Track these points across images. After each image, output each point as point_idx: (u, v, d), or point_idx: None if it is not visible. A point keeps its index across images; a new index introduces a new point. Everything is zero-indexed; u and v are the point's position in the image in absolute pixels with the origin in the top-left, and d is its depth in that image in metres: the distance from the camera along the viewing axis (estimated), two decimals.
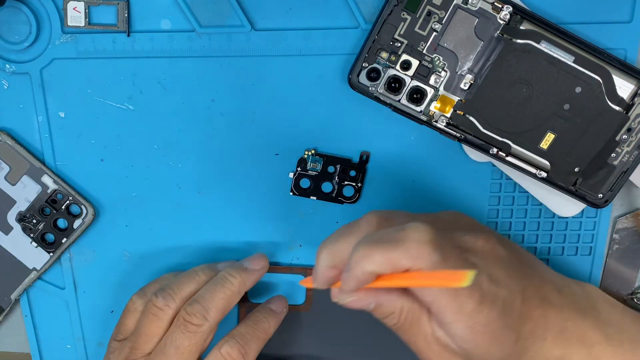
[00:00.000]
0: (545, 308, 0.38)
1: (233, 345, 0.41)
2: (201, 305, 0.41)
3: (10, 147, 0.44)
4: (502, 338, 0.36)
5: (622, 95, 0.42)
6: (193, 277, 0.43)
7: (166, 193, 0.46)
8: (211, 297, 0.42)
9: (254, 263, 0.44)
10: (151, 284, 0.44)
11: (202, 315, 0.41)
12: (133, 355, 0.42)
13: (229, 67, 0.44)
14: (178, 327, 0.41)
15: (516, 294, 0.36)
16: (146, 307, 0.42)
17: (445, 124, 0.42)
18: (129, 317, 0.44)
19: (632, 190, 0.46)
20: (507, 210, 0.46)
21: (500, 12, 0.41)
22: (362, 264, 0.33)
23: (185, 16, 0.43)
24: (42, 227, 0.45)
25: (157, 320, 0.42)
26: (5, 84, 0.44)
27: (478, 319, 0.35)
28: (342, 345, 0.48)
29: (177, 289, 0.42)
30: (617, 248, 0.47)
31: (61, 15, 0.43)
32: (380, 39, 0.41)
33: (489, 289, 0.35)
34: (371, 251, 0.33)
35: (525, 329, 0.37)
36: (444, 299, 0.34)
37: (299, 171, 0.45)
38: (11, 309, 0.47)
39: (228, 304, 0.42)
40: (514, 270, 0.37)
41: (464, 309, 0.34)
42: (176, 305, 0.42)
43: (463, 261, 0.35)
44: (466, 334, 0.35)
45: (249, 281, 0.43)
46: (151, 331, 0.42)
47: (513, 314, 0.36)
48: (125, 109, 0.44)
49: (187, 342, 0.41)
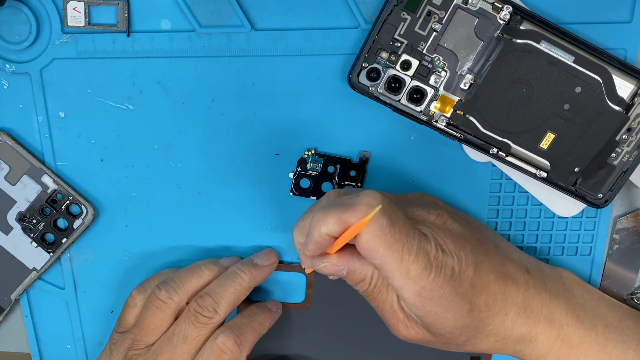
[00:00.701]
0: (504, 283, 0.39)
1: (229, 335, 0.42)
2: (212, 299, 0.42)
3: (10, 147, 0.44)
4: (453, 306, 0.37)
5: (622, 95, 0.42)
6: (196, 271, 0.43)
7: (166, 193, 0.46)
8: (222, 291, 0.42)
9: (263, 259, 0.45)
10: (150, 279, 0.45)
11: (213, 309, 0.42)
12: (135, 346, 0.42)
13: (229, 67, 0.44)
14: (188, 318, 0.41)
15: (467, 264, 0.38)
16: (148, 300, 0.42)
17: (445, 124, 0.42)
18: (129, 312, 0.44)
19: (632, 190, 0.47)
20: (507, 210, 0.46)
21: (500, 12, 0.41)
22: (317, 227, 0.35)
23: (185, 16, 0.43)
24: (42, 227, 0.45)
25: (159, 312, 0.42)
26: (5, 84, 0.44)
27: (424, 283, 0.36)
28: (341, 343, 0.48)
29: (180, 283, 0.43)
30: (617, 248, 0.47)
31: (61, 15, 0.43)
32: (380, 39, 0.41)
33: (435, 256, 0.36)
34: (325, 215, 0.35)
35: (480, 300, 0.38)
36: (390, 263, 0.35)
37: (299, 171, 0.45)
38: (11, 309, 0.47)
39: (238, 298, 0.43)
40: (467, 244, 0.38)
41: (410, 273, 0.35)
42: (179, 298, 0.42)
43: (412, 229, 0.36)
44: (414, 299, 0.36)
45: (259, 277, 0.44)
46: (153, 324, 0.42)
47: (464, 284, 0.37)
48: (125, 109, 0.44)
49: (196, 333, 0.41)
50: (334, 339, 0.48)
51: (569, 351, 0.41)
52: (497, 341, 0.40)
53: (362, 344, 0.48)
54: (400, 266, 0.35)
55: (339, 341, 0.48)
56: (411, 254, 0.35)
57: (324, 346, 0.48)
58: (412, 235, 0.35)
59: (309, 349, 0.48)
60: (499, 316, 0.39)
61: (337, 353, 0.48)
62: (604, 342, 0.41)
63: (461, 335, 0.39)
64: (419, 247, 0.35)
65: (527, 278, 0.41)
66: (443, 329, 0.38)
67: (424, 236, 0.36)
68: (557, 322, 0.41)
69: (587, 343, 0.41)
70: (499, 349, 0.41)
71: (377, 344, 0.48)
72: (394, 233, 0.35)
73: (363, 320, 0.48)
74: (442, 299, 0.36)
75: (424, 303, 0.36)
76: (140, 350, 0.42)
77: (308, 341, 0.48)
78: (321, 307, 0.48)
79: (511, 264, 0.41)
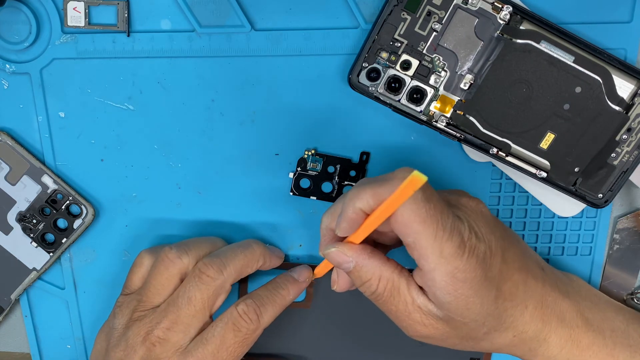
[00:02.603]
0: (526, 274, 0.39)
1: (250, 304, 0.41)
2: (220, 259, 0.41)
3: (10, 147, 0.44)
4: (483, 291, 0.37)
5: (622, 95, 0.42)
6: (209, 240, 0.43)
7: (166, 193, 0.46)
8: (232, 255, 0.42)
9: (278, 254, 0.45)
10: (162, 245, 0.44)
11: (218, 268, 0.41)
12: (140, 307, 0.41)
13: (229, 67, 0.44)
14: (193, 279, 0.41)
15: (496, 250, 0.37)
16: (157, 259, 0.42)
17: (445, 124, 0.42)
18: (136, 272, 0.43)
19: (632, 190, 0.47)
20: (507, 210, 0.46)
21: (500, 12, 0.41)
22: (352, 203, 0.36)
23: (185, 16, 0.43)
24: (42, 227, 0.45)
25: (166, 272, 0.41)
26: (5, 84, 0.44)
27: (457, 263, 0.35)
28: (342, 342, 0.48)
29: (192, 246, 0.42)
30: (617, 248, 0.47)
31: (61, 15, 0.43)
32: (380, 39, 0.41)
33: (469, 237, 0.36)
34: (360, 190, 0.35)
35: (505, 287, 0.38)
36: (424, 239, 0.35)
37: (299, 171, 0.45)
38: (11, 309, 0.47)
39: (246, 266, 0.42)
40: (497, 231, 0.38)
41: (444, 252, 0.35)
42: (188, 260, 0.41)
43: (447, 207, 0.36)
44: (447, 281, 0.36)
45: (274, 258, 0.44)
46: (160, 283, 0.41)
47: (493, 269, 0.37)
48: (125, 109, 0.44)
49: (199, 294, 0.40)
50: (335, 338, 0.48)
51: (579, 353, 0.41)
52: (515, 336, 0.40)
53: (362, 342, 0.48)
54: (434, 243, 0.35)
55: (339, 340, 0.48)
56: (445, 231, 0.35)
57: (324, 345, 0.48)
58: (446, 214, 0.35)
59: (310, 347, 0.48)
60: (520, 308, 0.39)
61: (338, 352, 0.48)
62: (611, 345, 0.41)
63: (484, 326, 0.38)
64: (452, 225, 0.35)
65: (543, 274, 0.41)
66: (469, 316, 0.37)
67: (457, 218, 0.36)
68: (568, 322, 0.41)
69: (596, 345, 0.41)
70: (515, 345, 0.40)
71: (378, 343, 0.48)
72: (428, 208, 0.34)
73: (363, 319, 0.48)
74: (473, 281, 0.36)
75: (456, 285, 0.36)
76: (146, 312, 0.41)
77: (308, 340, 0.48)
78: (322, 306, 0.48)
79: (529, 259, 0.41)
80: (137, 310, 0.41)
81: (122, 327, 0.41)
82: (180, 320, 0.40)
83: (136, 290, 0.43)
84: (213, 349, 0.40)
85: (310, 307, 0.48)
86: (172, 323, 0.40)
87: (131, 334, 0.41)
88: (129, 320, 0.41)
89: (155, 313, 0.41)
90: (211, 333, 0.40)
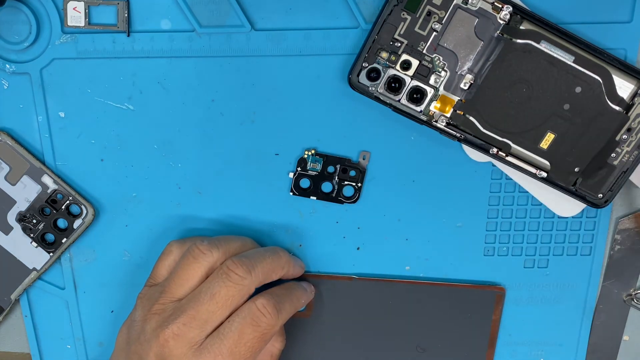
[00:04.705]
0: None
1: (269, 299, 0.40)
2: (249, 260, 0.40)
3: (10, 147, 0.44)
4: None
5: (622, 95, 0.42)
6: (240, 239, 0.43)
7: (166, 193, 0.46)
8: (261, 257, 0.41)
9: (300, 265, 0.46)
10: (192, 237, 0.44)
11: (247, 269, 0.40)
12: (163, 299, 0.40)
13: (229, 67, 0.44)
14: (219, 276, 0.40)
15: None
16: (187, 250, 0.41)
17: (445, 124, 0.42)
18: (163, 261, 0.43)
19: (632, 190, 0.46)
20: (507, 210, 0.46)
21: (500, 12, 0.41)
22: None
23: (185, 16, 0.43)
24: (42, 227, 0.45)
25: (195, 263, 0.40)
26: (5, 84, 0.44)
27: None
28: (342, 351, 0.48)
29: (223, 242, 0.42)
30: (618, 249, 0.47)
31: (61, 15, 0.43)
32: (380, 39, 0.41)
33: None
34: None
35: None
36: None
37: (299, 171, 0.45)
38: (11, 309, 0.47)
39: (272, 271, 0.42)
40: None
41: None
42: (218, 256, 0.41)
43: None
44: None
45: (297, 268, 0.45)
46: (186, 275, 0.40)
47: None
48: (125, 109, 0.44)
49: (225, 292, 0.39)
50: (334, 348, 0.48)
51: None
52: None
53: (362, 352, 0.48)
54: None
55: (339, 349, 0.48)
56: None
57: (324, 354, 0.48)
58: None
59: (310, 357, 0.48)
60: None
61: None
62: None
63: None
64: None
65: None
66: None
67: None
68: None
69: None
70: None
71: (378, 353, 0.48)
72: None
73: (363, 329, 0.47)
74: None
75: None
76: (167, 305, 0.40)
77: (309, 349, 0.48)
78: (322, 315, 0.47)
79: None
80: (158, 303, 0.40)
81: (141, 320, 0.41)
82: (199, 316, 0.39)
83: (160, 281, 0.42)
84: (230, 344, 0.39)
85: (310, 317, 0.47)
86: (190, 318, 0.39)
87: (148, 328, 0.40)
88: (147, 313, 0.40)
89: (174, 307, 0.40)
90: (228, 328, 0.39)
